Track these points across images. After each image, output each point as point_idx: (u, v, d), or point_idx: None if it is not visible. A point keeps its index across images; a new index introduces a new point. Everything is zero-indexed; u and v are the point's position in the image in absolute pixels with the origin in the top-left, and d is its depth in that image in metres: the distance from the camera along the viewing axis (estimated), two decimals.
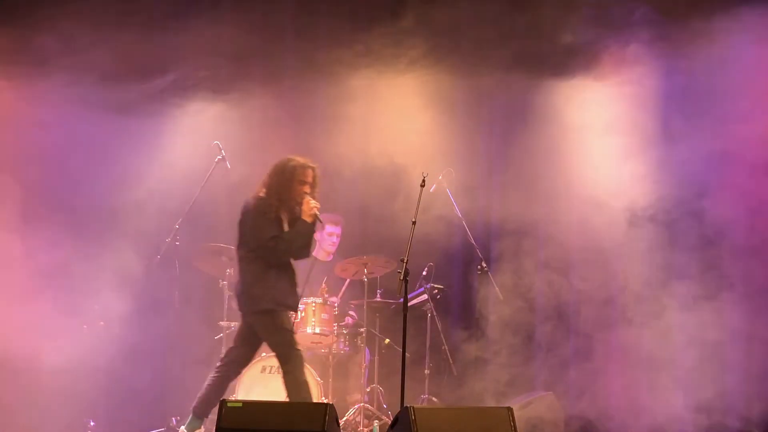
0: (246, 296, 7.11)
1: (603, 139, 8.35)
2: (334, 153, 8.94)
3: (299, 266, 7.31)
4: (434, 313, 8.37)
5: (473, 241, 8.30)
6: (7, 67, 8.34)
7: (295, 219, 7.13)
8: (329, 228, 8.77)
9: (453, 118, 8.81)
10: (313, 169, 7.19)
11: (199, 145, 8.59)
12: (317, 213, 7.09)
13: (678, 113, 8.19)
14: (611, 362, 8.32)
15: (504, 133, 8.76)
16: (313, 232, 7.14)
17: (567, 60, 8.43)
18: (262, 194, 7.14)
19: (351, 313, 8.61)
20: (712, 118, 8.00)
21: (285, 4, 8.99)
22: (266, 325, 7.08)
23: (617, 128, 8.31)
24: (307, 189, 7.13)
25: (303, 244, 7.13)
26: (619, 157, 8.29)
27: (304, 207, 7.08)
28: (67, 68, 8.37)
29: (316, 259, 8.86)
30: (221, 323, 8.32)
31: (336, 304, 8.34)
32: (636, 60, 8.26)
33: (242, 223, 7.18)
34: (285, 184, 7.11)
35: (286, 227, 7.13)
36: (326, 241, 8.78)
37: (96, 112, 8.45)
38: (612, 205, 8.27)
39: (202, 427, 7.13)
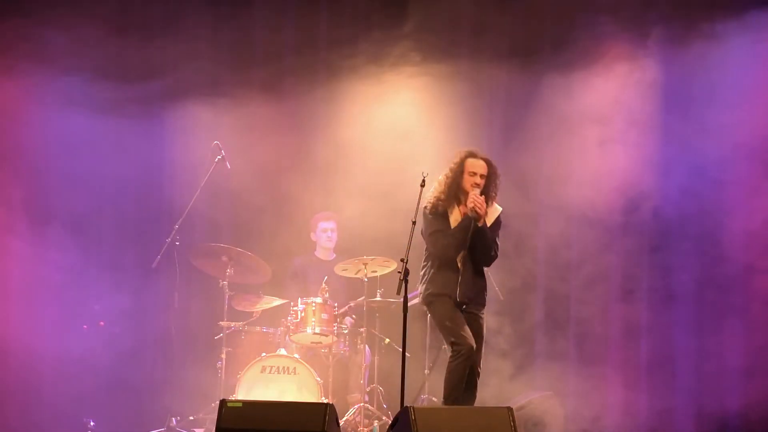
0: (420, 292, 7.14)
1: (603, 134, 8.35)
2: (334, 153, 8.96)
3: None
4: None
5: None
6: (4, 60, 8.31)
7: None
8: (322, 224, 8.77)
9: (453, 117, 8.81)
10: (485, 160, 7.00)
11: (199, 145, 8.59)
12: (477, 208, 6.86)
13: (676, 111, 8.20)
14: (611, 363, 8.33)
15: (505, 130, 8.76)
16: (474, 228, 6.89)
17: (568, 54, 8.42)
18: (434, 191, 7.07)
19: (351, 315, 8.59)
20: (709, 117, 8.02)
21: (284, 7, 9.00)
22: (431, 315, 7.15)
23: (617, 124, 8.32)
24: (477, 181, 6.93)
25: (464, 241, 6.87)
26: (619, 152, 8.30)
27: (468, 202, 6.94)
28: (65, 64, 8.37)
29: (316, 258, 8.88)
30: (221, 323, 8.31)
31: (335, 304, 8.34)
32: (636, 56, 8.27)
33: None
34: (453, 177, 7.01)
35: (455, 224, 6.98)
36: (321, 237, 8.78)
37: (94, 111, 8.46)
38: (610, 202, 8.29)
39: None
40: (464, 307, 6.91)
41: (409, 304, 6.60)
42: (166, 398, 8.21)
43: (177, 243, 8.20)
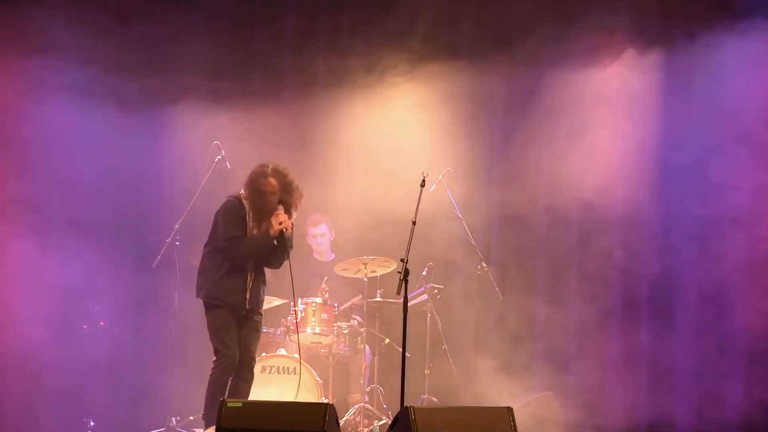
0: (197, 284, 7.20)
1: (603, 133, 8.36)
2: (334, 152, 8.96)
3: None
4: (434, 313, 8.36)
5: (473, 241, 8.29)
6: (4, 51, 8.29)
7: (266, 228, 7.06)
8: (311, 230, 8.77)
9: (453, 117, 8.81)
10: (278, 175, 7.04)
11: (199, 145, 8.59)
12: (285, 230, 7.00)
13: (675, 109, 8.22)
14: (611, 362, 8.33)
15: (504, 130, 8.77)
16: (272, 244, 7.04)
17: (566, 53, 8.43)
18: (238, 194, 7.13)
19: (355, 317, 8.58)
20: (708, 119, 8.04)
21: (284, 11, 9.01)
22: (207, 317, 7.16)
23: (617, 121, 8.33)
24: (274, 198, 7.02)
25: (260, 254, 7.05)
26: (619, 151, 8.31)
27: (273, 219, 7.02)
28: (66, 59, 8.35)
29: (314, 259, 8.87)
30: None
31: (335, 304, 8.34)
32: (636, 55, 8.29)
33: (215, 218, 7.20)
34: (253, 192, 7.07)
35: (254, 233, 7.06)
36: (312, 242, 8.80)
37: (94, 110, 8.45)
38: (608, 203, 8.29)
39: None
40: (244, 312, 7.07)
41: (409, 304, 6.60)
42: (166, 398, 8.21)
43: (177, 243, 8.21)
